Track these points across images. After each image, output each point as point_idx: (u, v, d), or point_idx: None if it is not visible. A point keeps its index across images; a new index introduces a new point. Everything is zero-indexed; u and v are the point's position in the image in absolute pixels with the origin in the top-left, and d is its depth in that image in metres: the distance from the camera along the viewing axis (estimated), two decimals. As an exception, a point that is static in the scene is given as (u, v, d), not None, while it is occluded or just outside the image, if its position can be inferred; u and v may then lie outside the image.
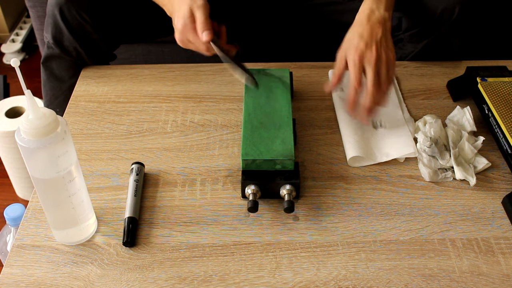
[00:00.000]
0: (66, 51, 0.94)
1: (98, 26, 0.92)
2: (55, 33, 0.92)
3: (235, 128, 0.85)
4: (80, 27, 0.91)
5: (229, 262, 0.66)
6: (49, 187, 0.61)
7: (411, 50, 0.99)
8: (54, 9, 0.89)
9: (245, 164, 0.72)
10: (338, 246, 0.68)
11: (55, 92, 1.00)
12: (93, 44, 0.94)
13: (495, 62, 0.95)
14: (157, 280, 0.64)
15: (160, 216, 0.71)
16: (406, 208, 0.73)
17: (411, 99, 0.91)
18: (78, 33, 0.91)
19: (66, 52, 0.94)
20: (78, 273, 0.64)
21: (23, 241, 0.68)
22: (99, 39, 0.93)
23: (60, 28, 0.91)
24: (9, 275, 0.64)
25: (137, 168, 0.75)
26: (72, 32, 0.91)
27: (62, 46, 0.93)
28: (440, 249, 0.68)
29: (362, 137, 0.82)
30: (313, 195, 0.74)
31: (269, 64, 0.96)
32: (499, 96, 0.83)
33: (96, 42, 0.94)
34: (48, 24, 0.92)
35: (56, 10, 0.89)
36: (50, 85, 1.00)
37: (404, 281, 0.64)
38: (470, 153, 0.78)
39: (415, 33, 0.96)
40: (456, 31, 0.95)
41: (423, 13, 0.93)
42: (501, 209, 0.73)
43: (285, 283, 0.64)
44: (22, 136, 0.56)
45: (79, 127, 0.85)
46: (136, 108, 0.89)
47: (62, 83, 0.99)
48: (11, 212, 0.90)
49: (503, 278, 0.65)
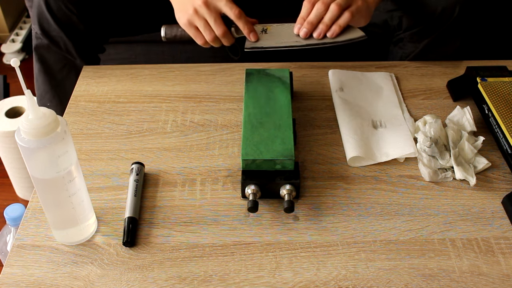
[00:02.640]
0: (53, 41, 0.94)
1: (84, 17, 0.92)
2: (42, 23, 0.92)
3: (235, 128, 0.85)
4: (66, 17, 0.91)
5: (229, 262, 0.66)
6: (49, 187, 0.61)
7: (412, 50, 0.99)
8: (40, 0, 0.89)
9: (245, 164, 0.72)
10: (338, 246, 0.68)
11: (46, 86, 1.00)
12: (80, 35, 0.94)
13: (495, 62, 0.95)
14: (157, 280, 0.64)
15: (160, 216, 0.71)
16: (406, 208, 0.73)
17: (411, 99, 0.91)
18: (64, 23, 0.92)
19: (53, 42, 0.94)
20: (78, 273, 0.64)
21: (23, 241, 0.68)
22: (85, 30, 0.93)
23: (47, 18, 0.91)
24: (9, 275, 0.64)
25: (137, 168, 0.75)
26: (58, 23, 0.91)
27: (50, 37, 0.93)
28: (440, 249, 0.68)
29: (362, 137, 0.82)
30: (313, 195, 0.74)
31: (269, 64, 0.96)
32: (499, 96, 0.83)
33: (82, 33, 0.94)
34: (34, 15, 0.92)
35: (42, 1, 0.89)
36: (42, 79, 1.00)
37: (404, 281, 0.64)
38: (470, 153, 0.78)
39: (415, 32, 0.96)
40: (456, 30, 0.95)
41: (423, 12, 0.93)
42: (501, 209, 0.73)
43: (285, 283, 0.64)
44: (22, 136, 0.56)
45: (79, 127, 0.85)
46: (136, 108, 0.89)
47: (53, 76, 0.99)
48: (11, 212, 0.90)
49: (503, 278, 0.65)
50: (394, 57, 1.03)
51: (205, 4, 0.78)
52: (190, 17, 0.79)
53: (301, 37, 0.81)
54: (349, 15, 0.79)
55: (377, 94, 0.91)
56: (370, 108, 0.88)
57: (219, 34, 0.79)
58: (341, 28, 0.80)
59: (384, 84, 0.93)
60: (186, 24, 0.81)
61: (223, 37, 0.80)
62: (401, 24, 0.97)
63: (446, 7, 0.90)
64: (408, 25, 0.96)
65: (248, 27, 0.80)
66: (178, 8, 0.81)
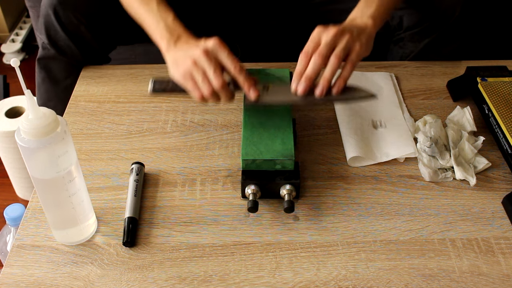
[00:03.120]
0: (61, 50, 0.93)
1: (92, 27, 0.92)
2: (49, 32, 0.92)
3: (235, 128, 0.85)
4: (75, 27, 0.91)
5: (229, 262, 0.66)
6: (49, 187, 0.61)
7: (412, 49, 0.99)
8: (48, 9, 0.89)
9: (245, 164, 0.72)
10: (338, 246, 0.68)
11: (49, 94, 1.00)
12: (87, 45, 0.94)
13: (495, 62, 0.95)
14: (157, 280, 0.64)
15: (160, 216, 0.71)
16: (406, 208, 0.73)
17: (411, 99, 0.91)
18: (72, 32, 0.91)
19: (61, 51, 0.94)
20: (78, 273, 0.64)
21: (23, 241, 0.68)
22: (93, 39, 0.93)
23: (55, 27, 0.90)
24: (9, 275, 0.64)
25: (137, 168, 0.75)
26: (66, 32, 0.91)
27: (57, 46, 0.93)
28: (440, 249, 0.68)
29: (362, 137, 0.82)
30: (313, 195, 0.74)
31: (269, 64, 0.96)
32: (499, 96, 0.83)
33: (90, 43, 0.94)
34: (41, 24, 0.92)
35: (50, 10, 0.89)
36: (45, 87, 0.99)
37: (404, 281, 0.64)
38: (470, 153, 0.78)
39: (416, 32, 0.96)
40: (457, 30, 0.95)
41: (425, 12, 0.93)
42: (501, 209, 0.73)
43: (285, 283, 0.64)
44: (22, 136, 0.56)
45: (79, 127, 0.85)
46: (136, 108, 0.89)
47: (57, 85, 0.98)
48: (11, 212, 0.90)
49: (503, 278, 0.65)
50: (394, 56, 1.03)
51: (206, 53, 0.70)
52: (188, 68, 0.71)
53: (299, 94, 0.72)
54: (351, 67, 0.73)
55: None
56: (370, 108, 0.88)
57: (217, 86, 0.71)
58: (346, 81, 0.73)
59: (384, 84, 0.93)
60: (183, 76, 0.72)
61: (221, 90, 0.71)
62: (402, 23, 0.97)
63: (448, 6, 0.90)
64: (409, 25, 0.96)
65: (249, 82, 0.72)
66: (173, 61, 0.74)
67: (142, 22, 0.80)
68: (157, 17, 0.77)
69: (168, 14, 0.77)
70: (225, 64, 0.72)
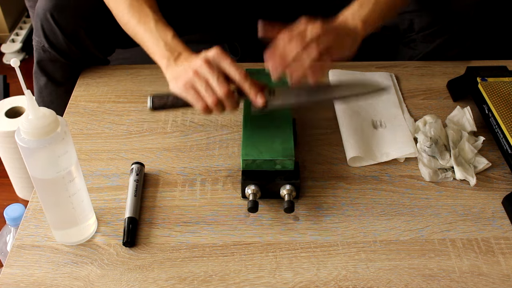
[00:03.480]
0: (62, 53, 0.93)
1: (91, 31, 0.91)
2: (48, 36, 0.91)
3: (235, 128, 0.85)
4: (74, 31, 0.90)
5: (229, 262, 0.66)
6: (49, 187, 0.61)
7: (422, 50, 0.99)
8: (47, 13, 0.88)
9: (245, 164, 0.72)
10: (338, 246, 0.68)
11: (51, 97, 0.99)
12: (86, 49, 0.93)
13: (495, 62, 0.95)
14: (157, 280, 0.64)
15: (160, 216, 0.71)
16: (406, 208, 0.73)
17: (411, 99, 0.91)
18: (72, 36, 0.91)
19: (62, 54, 0.93)
20: (78, 273, 0.64)
21: (23, 241, 0.68)
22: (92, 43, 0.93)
23: (54, 32, 0.89)
24: (9, 275, 0.64)
25: (137, 168, 0.75)
26: (66, 36, 0.90)
27: (58, 49, 0.92)
28: (440, 249, 0.68)
29: (362, 137, 0.82)
30: (313, 195, 0.74)
31: (269, 64, 0.96)
32: (499, 96, 0.83)
33: (89, 47, 0.93)
34: (38, 28, 0.91)
35: (48, 14, 0.88)
36: (48, 90, 0.99)
37: (404, 281, 0.64)
38: (470, 153, 0.78)
39: (429, 33, 0.95)
40: (469, 31, 0.94)
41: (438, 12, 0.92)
42: (501, 209, 0.73)
43: (285, 283, 0.64)
44: (22, 136, 0.56)
45: (79, 127, 0.85)
46: (136, 108, 0.89)
47: (59, 87, 0.98)
48: (11, 212, 0.89)
49: (503, 278, 0.64)
50: (403, 57, 1.03)
51: (207, 63, 0.68)
52: (190, 79, 0.69)
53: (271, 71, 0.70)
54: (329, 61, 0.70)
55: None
56: (370, 108, 0.88)
57: (222, 94, 0.68)
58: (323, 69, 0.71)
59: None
60: (184, 87, 0.69)
61: (226, 99, 0.69)
62: (413, 26, 0.96)
63: (464, 8, 0.90)
64: (422, 26, 0.95)
65: (255, 89, 0.69)
66: (174, 76, 0.72)
67: (141, 41, 0.78)
68: (156, 36, 0.75)
69: (167, 32, 0.75)
70: (228, 72, 0.69)
